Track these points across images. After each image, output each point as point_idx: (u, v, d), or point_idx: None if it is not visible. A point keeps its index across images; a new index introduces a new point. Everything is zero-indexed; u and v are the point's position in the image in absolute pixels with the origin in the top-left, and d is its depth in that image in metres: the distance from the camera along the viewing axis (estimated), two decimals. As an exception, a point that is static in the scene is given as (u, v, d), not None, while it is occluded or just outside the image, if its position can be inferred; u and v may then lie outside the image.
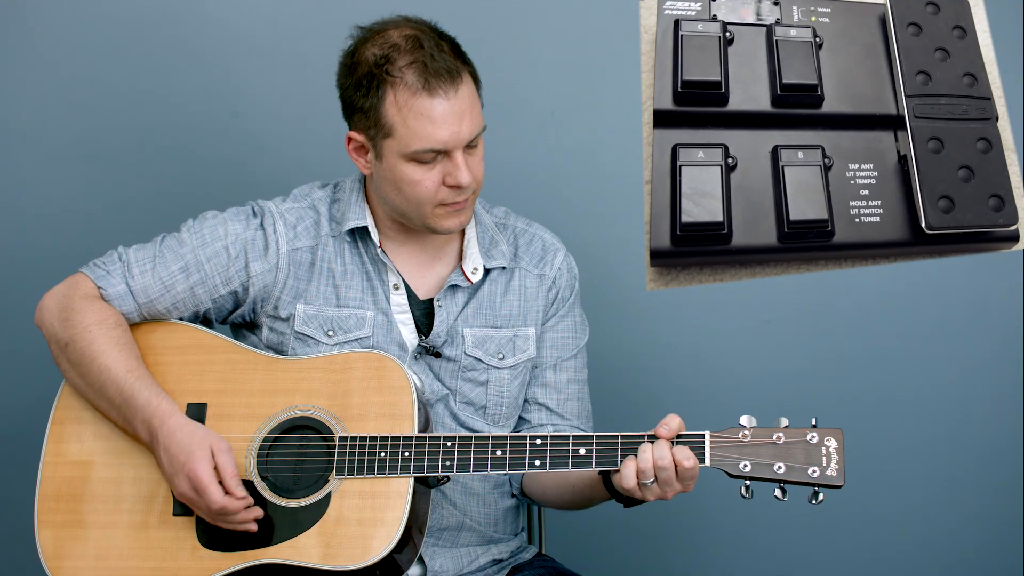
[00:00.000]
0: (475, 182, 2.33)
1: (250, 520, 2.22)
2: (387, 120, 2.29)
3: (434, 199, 2.32)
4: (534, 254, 2.52)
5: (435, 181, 2.31)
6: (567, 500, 2.44)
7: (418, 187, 2.31)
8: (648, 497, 2.17)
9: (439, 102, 2.27)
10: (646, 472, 2.14)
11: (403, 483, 2.21)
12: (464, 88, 2.29)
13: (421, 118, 2.27)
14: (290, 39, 3.18)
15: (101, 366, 2.29)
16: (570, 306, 2.54)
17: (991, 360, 3.24)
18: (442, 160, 2.30)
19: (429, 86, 2.26)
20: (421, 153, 2.28)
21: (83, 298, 2.35)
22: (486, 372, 2.45)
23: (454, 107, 2.27)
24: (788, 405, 3.20)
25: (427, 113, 2.27)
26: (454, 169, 2.30)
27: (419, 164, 2.30)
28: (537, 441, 2.21)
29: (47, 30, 3.13)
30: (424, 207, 2.33)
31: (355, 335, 2.40)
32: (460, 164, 2.29)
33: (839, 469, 2.12)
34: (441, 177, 2.31)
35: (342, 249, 2.44)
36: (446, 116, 2.27)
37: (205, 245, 2.40)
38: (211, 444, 2.22)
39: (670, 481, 2.14)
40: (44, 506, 2.30)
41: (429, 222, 2.35)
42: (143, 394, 2.27)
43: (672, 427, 2.17)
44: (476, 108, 2.32)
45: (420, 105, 2.27)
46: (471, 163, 2.31)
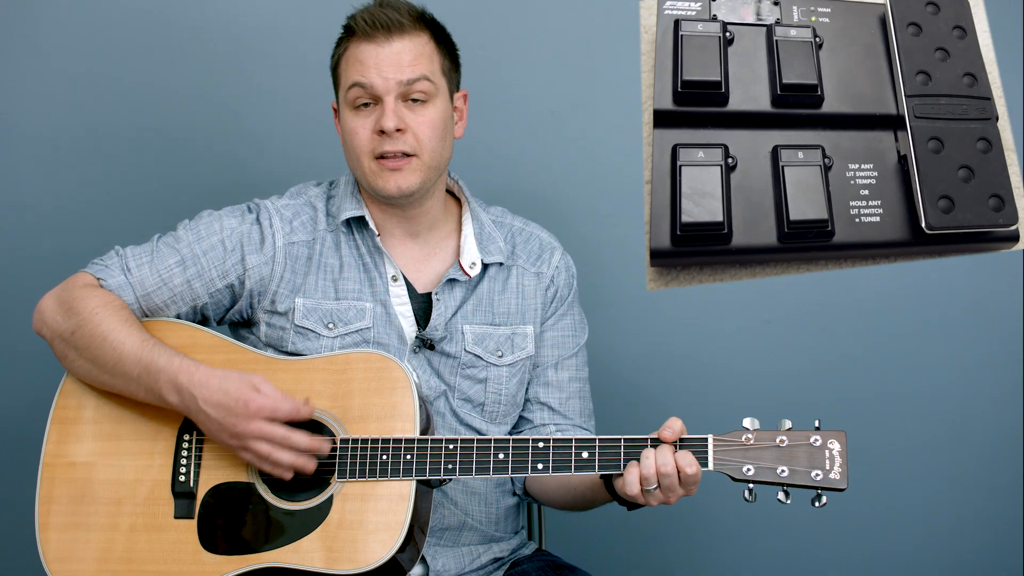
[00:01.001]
0: (412, 140, 2.37)
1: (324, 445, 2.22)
2: (339, 71, 2.42)
3: (369, 150, 2.38)
4: (531, 252, 2.53)
5: (367, 128, 2.38)
6: (568, 502, 2.44)
7: (355, 137, 2.39)
8: (651, 502, 2.17)
9: (371, 46, 2.38)
10: (649, 478, 2.14)
11: (405, 486, 2.21)
12: (404, 42, 2.38)
13: (354, 60, 2.39)
14: (290, 39, 3.17)
15: (114, 343, 2.28)
16: (569, 304, 2.54)
17: (991, 360, 3.24)
18: (376, 109, 2.37)
19: (366, 33, 2.38)
20: (351, 91, 2.38)
21: (82, 288, 2.35)
22: (485, 369, 2.46)
23: (386, 54, 2.37)
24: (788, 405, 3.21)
25: (359, 55, 2.38)
26: (380, 115, 2.36)
27: (355, 111, 2.39)
28: (540, 444, 2.20)
29: (47, 30, 3.12)
30: (362, 160, 2.39)
31: (355, 327, 2.40)
32: (388, 109, 2.36)
33: (842, 472, 2.11)
34: (373, 125, 2.37)
35: (339, 243, 2.45)
36: (376, 59, 2.37)
37: (201, 240, 2.41)
38: (249, 381, 2.21)
39: (673, 487, 2.14)
40: (45, 508, 2.30)
41: (369, 179, 2.40)
42: (163, 357, 2.26)
43: (675, 430, 2.17)
44: (420, 62, 2.38)
45: (355, 48, 2.39)
46: (412, 120, 2.38)
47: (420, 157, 2.38)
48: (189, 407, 2.24)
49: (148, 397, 2.28)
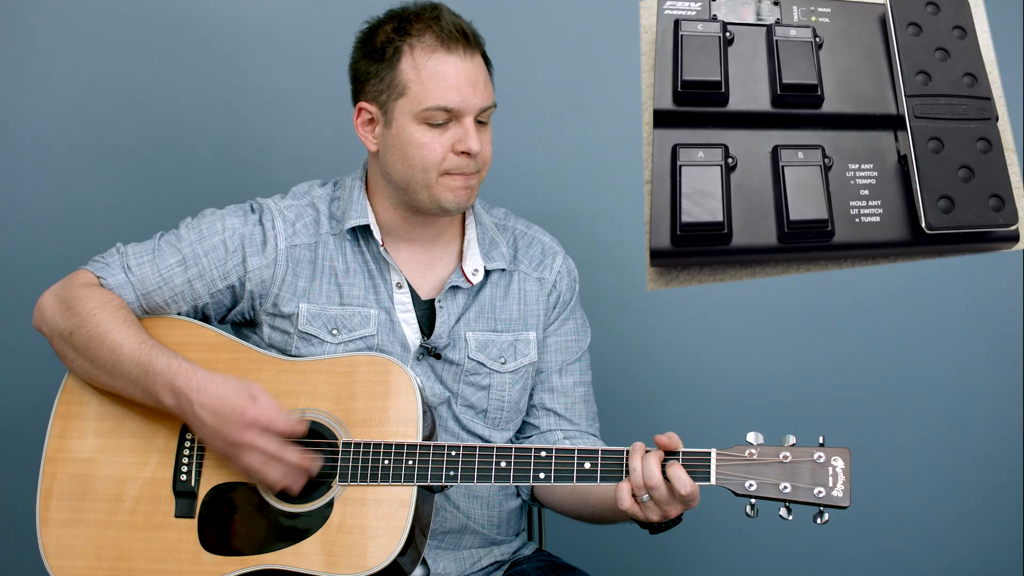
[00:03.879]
0: (484, 156, 2.34)
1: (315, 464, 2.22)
2: (401, 79, 2.30)
3: (440, 165, 2.32)
4: (533, 257, 2.52)
5: (444, 146, 2.31)
6: (585, 516, 2.43)
7: (425, 150, 2.31)
8: (651, 516, 2.14)
9: (455, 60, 2.29)
10: (637, 488, 2.12)
11: (406, 491, 2.21)
12: (478, 58, 2.33)
13: (436, 75, 2.29)
14: (291, 39, 3.17)
15: (112, 344, 2.28)
16: (571, 309, 2.54)
17: (991, 360, 3.24)
18: (453, 126, 2.31)
19: (447, 45, 2.29)
20: (433, 111, 2.29)
21: (82, 286, 2.35)
22: (488, 376, 2.45)
23: (469, 70, 2.30)
24: (788, 405, 3.23)
25: (442, 70, 2.29)
26: (464, 135, 2.30)
27: (429, 127, 2.31)
28: (542, 454, 2.19)
29: (48, 30, 3.12)
30: (429, 173, 2.32)
31: (359, 333, 2.40)
32: (471, 130, 2.30)
33: (845, 490, 2.09)
34: (451, 143, 2.31)
35: (343, 247, 2.43)
36: (460, 77, 2.29)
37: (203, 240, 2.40)
38: (247, 390, 2.20)
39: (666, 500, 2.12)
40: (46, 503, 2.30)
41: (433, 191, 2.33)
42: (161, 360, 2.25)
43: (673, 439, 2.14)
44: (489, 84, 2.34)
45: (436, 61, 2.29)
46: (482, 137, 2.32)
47: (480, 175, 2.37)
48: (185, 411, 2.24)
49: (145, 399, 2.28)
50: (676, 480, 2.11)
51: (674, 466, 2.11)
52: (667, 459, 2.13)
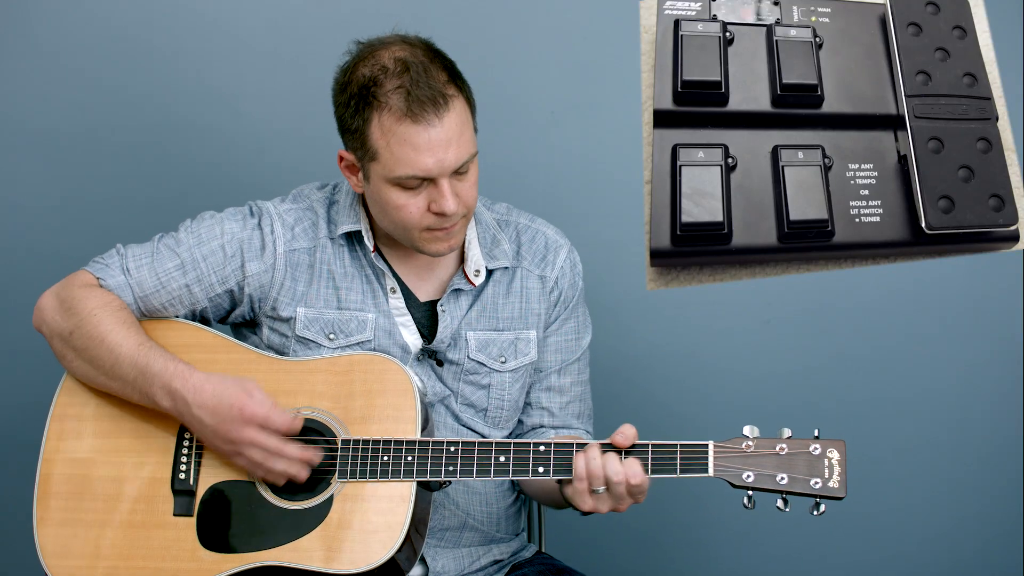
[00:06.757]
0: (464, 207, 2.30)
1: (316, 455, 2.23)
2: (372, 144, 2.26)
3: (419, 224, 2.30)
4: (536, 252, 2.51)
5: (420, 207, 2.28)
6: (544, 500, 2.47)
7: (403, 211, 2.28)
8: (601, 508, 2.19)
9: (422, 129, 2.22)
10: (594, 479, 2.16)
11: (405, 487, 2.21)
12: (451, 116, 2.24)
13: (405, 145, 2.23)
14: (289, 40, 3.18)
15: (111, 344, 2.27)
16: (573, 307, 2.53)
17: (991, 360, 3.25)
18: (428, 186, 2.27)
19: (412, 113, 2.21)
20: (405, 179, 2.25)
21: (82, 287, 2.34)
22: (488, 375, 2.45)
23: (438, 135, 2.23)
24: (788, 405, 3.23)
25: (410, 140, 2.23)
26: (439, 197, 2.26)
27: (404, 189, 2.27)
28: (541, 448, 2.21)
29: (47, 30, 3.12)
30: (410, 232, 2.31)
31: (356, 339, 2.39)
32: (445, 192, 2.26)
33: (841, 481, 2.13)
34: (427, 203, 2.28)
35: (341, 251, 2.42)
36: (430, 143, 2.23)
37: (201, 244, 2.39)
38: (243, 387, 2.21)
39: (623, 496, 2.17)
40: (43, 503, 2.29)
41: (417, 245, 2.33)
42: (158, 361, 2.25)
43: (628, 436, 2.18)
44: (466, 135, 2.27)
45: (403, 131, 2.23)
46: (460, 189, 2.28)
47: (467, 216, 2.34)
48: (182, 413, 2.24)
49: (143, 400, 2.28)
50: (630, 469, 2.15)
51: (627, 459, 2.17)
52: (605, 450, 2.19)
